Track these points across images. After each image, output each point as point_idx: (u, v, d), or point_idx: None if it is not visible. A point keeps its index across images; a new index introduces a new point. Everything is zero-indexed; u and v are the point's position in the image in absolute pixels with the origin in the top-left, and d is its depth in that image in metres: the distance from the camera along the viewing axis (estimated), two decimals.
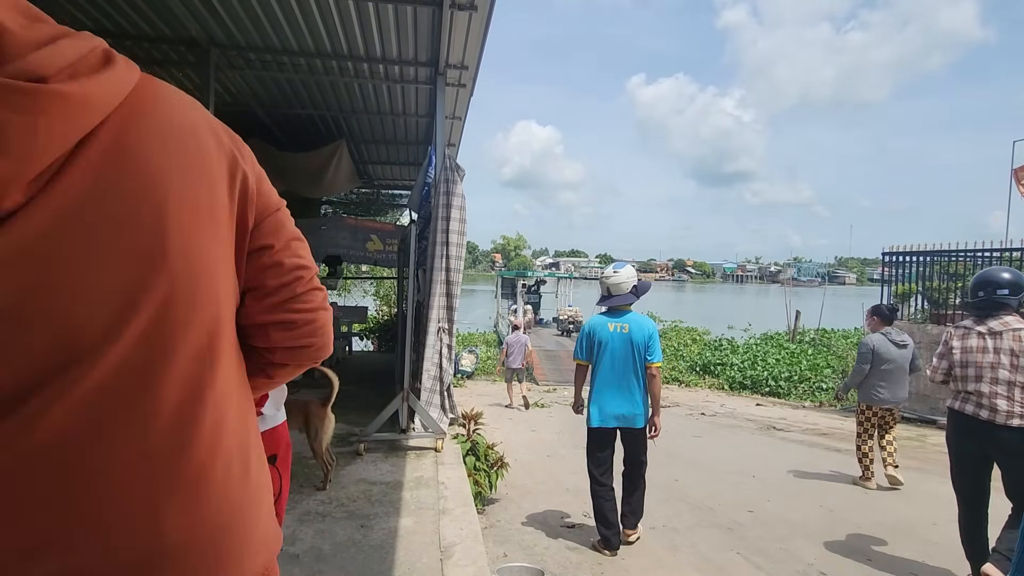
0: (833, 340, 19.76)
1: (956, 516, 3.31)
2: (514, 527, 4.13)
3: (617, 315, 3.71)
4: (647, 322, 3.70)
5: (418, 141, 7.51)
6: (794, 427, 8.89)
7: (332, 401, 3.55)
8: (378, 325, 11.04)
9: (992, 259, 8.89)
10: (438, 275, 5.13)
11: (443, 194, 5.19)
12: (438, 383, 5.07)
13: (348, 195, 10.50)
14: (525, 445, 7.18)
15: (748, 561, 3.53)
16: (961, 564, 3.58)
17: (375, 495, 3.47)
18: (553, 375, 17.02)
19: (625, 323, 3.64)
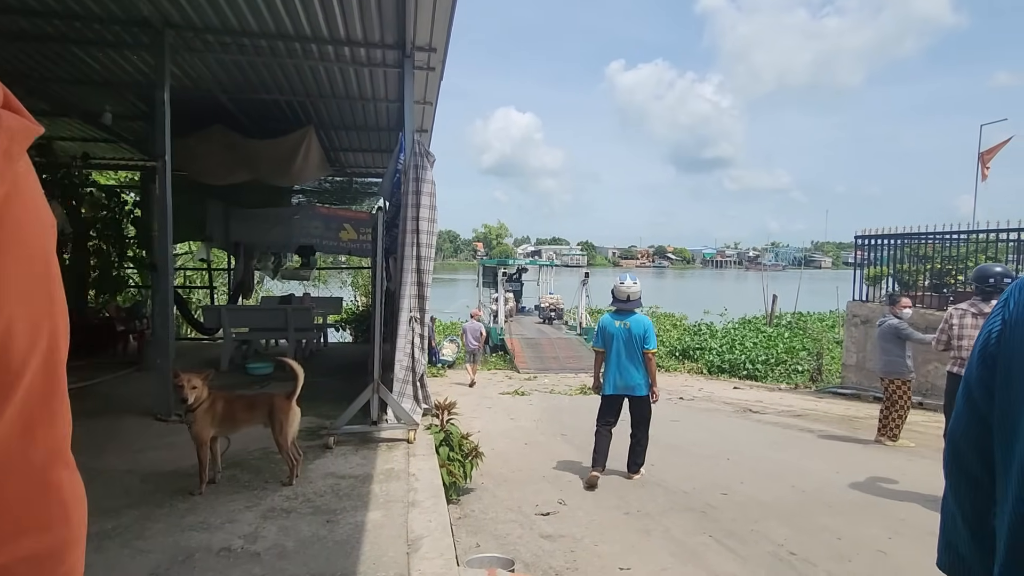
0: (809, 323, 20.11)
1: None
2: (488, 517, 4.10)
3: (622, 315, 4.91)
4: (645, 319, 4.92)
5: (389, 127, 7.34)
6: (769, 409, 9.02)
7: (297, 394, 3.45)
8: (354, 316, 10.89)
9: (959, 241, 9.07)
10: (409, 263, 5.03)
11: (413, 180, 5.07)
12: (411, 373, 4.99)
13: (321, 184, 10.27)
14: (503, 434, 7.16)
15: (720, 544, 3.54)
16: (927, 539, 3.65)
17: (343, 489, 3.40)
18: (534, 363, 17.02)
19: (627, 321, 4.87)
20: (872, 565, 3.26)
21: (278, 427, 3.32)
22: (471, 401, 10.19)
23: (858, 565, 3.25)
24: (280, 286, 11.56)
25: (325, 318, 9.24)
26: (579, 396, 11.15)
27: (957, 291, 8.48)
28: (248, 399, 3.50)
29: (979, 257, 8.77)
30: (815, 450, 6.12)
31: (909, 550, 3.46)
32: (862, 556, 3.36)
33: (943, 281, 8.93)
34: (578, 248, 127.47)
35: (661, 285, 72.90)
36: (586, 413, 8.57)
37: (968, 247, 8.96)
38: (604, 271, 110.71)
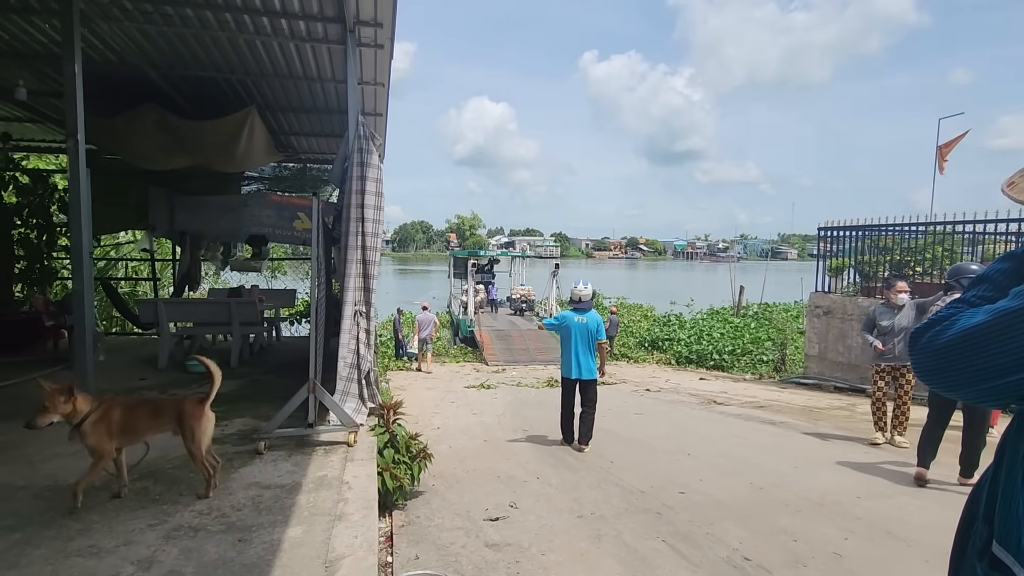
0: (774, 314, 20.37)
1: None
2: (433, 523, 3.85)
3: (581, 312, 5.98)
4: (597, 316, 5.98)
5: (341, 110, 6.94)
6: (734, 400, 8.99)
7: (212, 397, 3.13)
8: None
9: (918, 233, 9.14)
10: (353, 253, 4.71)
11: (357, 165, 4.75)
12: (355, 371, 4.68)
13: (275, 170, 9.79)
14: (463, 430, 6.93)
15: (673, 549, 3.37)
16: (883, 539, 3.55)
17: (265, 501, 3.10)
18: (504, 355, 16.84)
19: (584, 317, 5.92)
20: (828, 569, 3.12)
21: (189, 434, 3.00)
22: (434, 396, 9.93)
23: (813, 570, 3.11)
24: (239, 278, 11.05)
25: (277, 311, 8.82)
26: (546, 389, 10.99)
27: (915, 282, 8.54)
28: (153, 404, 3.16)
29: (936, 249, 8.86)
30: (775, 444, 6.05)
31: (864, 551, 3.35)
32: (817, 560, 3.23)
33: (902, 272, 8.99)
34: (551, 240, 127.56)
35: (632, 276, 73.53)
36: (552, 408, 8.40)
37: (926, 239, 9.04)
38: (577, 263, 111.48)
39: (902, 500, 4.19)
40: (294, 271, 15.19)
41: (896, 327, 5.50)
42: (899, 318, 5.51)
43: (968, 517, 0.93)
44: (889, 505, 4.08)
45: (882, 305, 5.80)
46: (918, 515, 3.87)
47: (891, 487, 4.52)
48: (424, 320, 14.40)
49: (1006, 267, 0.88)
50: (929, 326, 0.87)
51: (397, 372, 13.96)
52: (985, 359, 0.78)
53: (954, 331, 0.82)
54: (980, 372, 0.79)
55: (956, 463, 4.56)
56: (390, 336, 17.30)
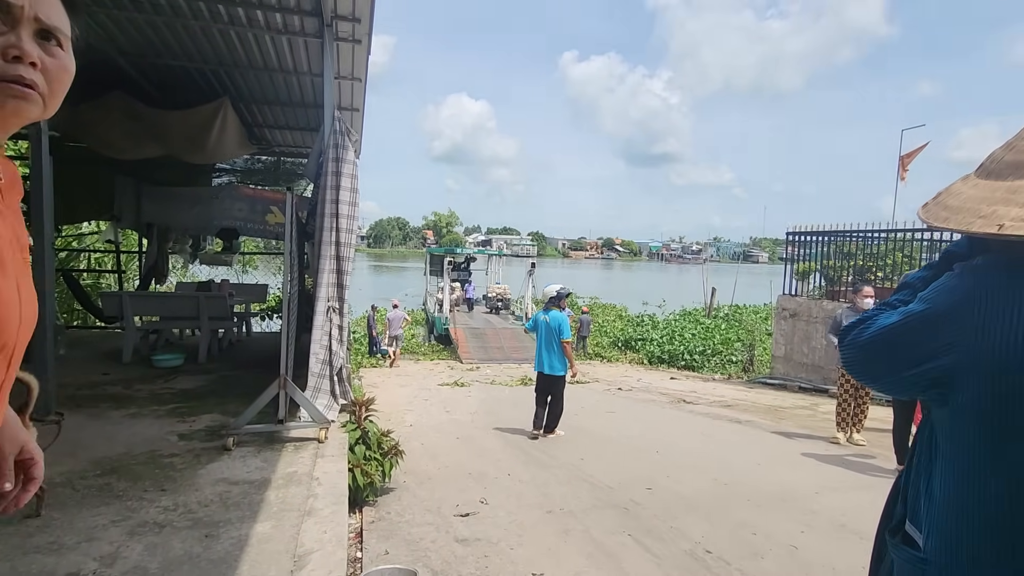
0: (744, 315, 20.86)
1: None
2: (404, 519, 3.87)
3: (547, 311, 6.36)
4: (560, 315, 6.29)
5: (316, 104, 6.86)
6: (702, 400, 9.19)
7: (30, 410, 3.06)
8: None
9: (880, 239, 9.48)
10: (327, 249, 4.68)
11: (332, 160, 4.72)
12: (327, 367, 4.66)
13: (248, 163, 9.61)
14: (436, 427, 6.94)
15: (638, 543, 3.46)
16: (837, 532, 3.71)
17: (234, 497, 3.08)
18: (478, 353, 16.86)
19: (548, 316, 6.28)
20: (784, 561, 3.25)
21: None
22: (407, 393, 9.91)
23: (770, 562, 3.23)
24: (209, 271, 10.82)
25: (248, 306, 8.67)
26: (520, 387, 11.05)
27: (877, 287, 8.85)
28: None
29: (896, 255, 9.21)
30: (740, 442, 6.23)
31: (819, 544, 3.49)
32: (775, 552, 3.36)
33: (864, 277, 9.32)
34: (528, 238, 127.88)
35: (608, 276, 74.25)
36: (524, 406, 8.46)
37: (887, 245, 9.39)
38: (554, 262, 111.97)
39: (857, 495, 4.38)
40: (266, 266, 14.95)
41: None
42: None
43: (890, 501, 1.01)
44: (844, 499, 4.26)
45: (848, 309, 6.01)
46: (871, 509, 4.03)
47: (847, 482, 4.71)
48: (395, 318, 14.99)
49: (926, 275, 0.97)
50: (855, 325, 0.96)
51: (370, 369, 13.88)
52: (896, 354, 0.86)
53: (873, 329, 0.90)
54: (892, 365, 0.87)
55: None
56: (363, 333, 17.17)
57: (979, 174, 0.83)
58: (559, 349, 6.18)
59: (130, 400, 4.97)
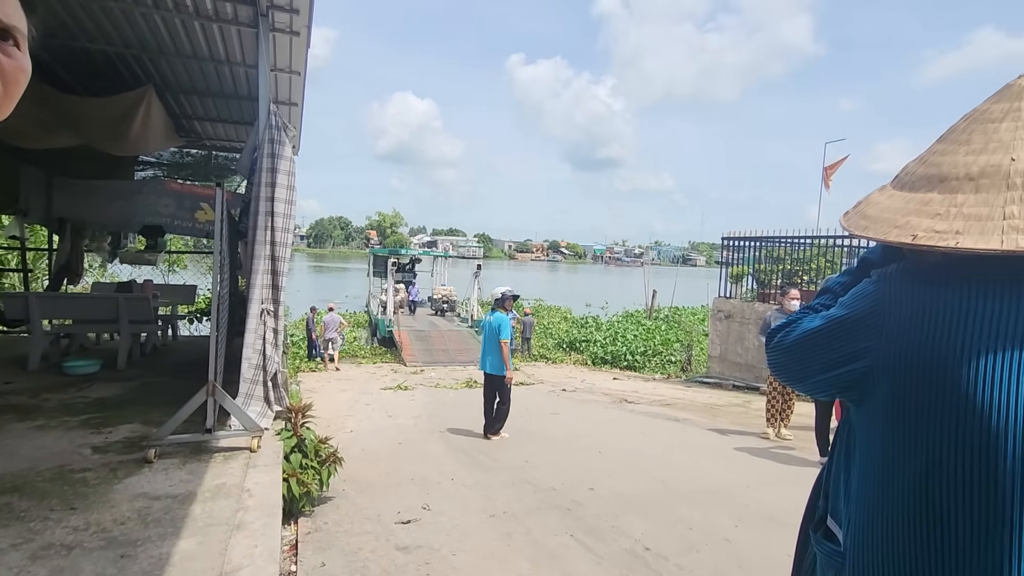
0: (683, 317, 21.66)
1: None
2: (342, 529, 3.75)
3: (491, 313, 6.63)
4: (501, 316, 6.48)
5: (251, 97, 6.54)
6: (643, 399, 9.45)
7: None
8: None
9: (807, 245, 10.08)
10: (261, 249, 4.46)
11: (267, 156, 4.50)
12: (261, 372, 4.43)
13: (176, 157, 9.03)
14: (377, 432, 6.78)
15: (580, 543, 3.50)
16: (768, 524, 3.89)
17: (154, 513, 2.87)
18: (423, 356, 16.62)
19: (492, 317, 6.54)
20: (718, 554, 3.37)
21: None
22: (348, 398, 9.63)
23: (706, 555, 3.35)
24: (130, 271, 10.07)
25: (175, 308, 8.15)
26: (465, 390, 10.99)
27: (803, 290, 9.41)
28: None
29: (820, 260, 9.82)
30: (679, 440, 6.44)
31: (751, 536, 3.65)
32: (710, 546, 3.48)
33: (792, 281, 9.88)
34: (475, 240, 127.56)
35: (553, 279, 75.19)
36: (469, 409, 8.40)
37: (812, 251, 10.00)
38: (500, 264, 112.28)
39: (784, 488, 4.61)
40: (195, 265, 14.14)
41: None
42: None
43: (813, 495, 1.05)
44: (773, 493, 4.48)
45: (777, 311, 6.33)
46: (797, 501, 4.25)
47: (776, 476, 4.96)
48: (330, 321, 14.77)
49: (845, 280, 1.02)
50: (780, 328, 1.00)
51: (310, 373, 13.39)
52: (816, 357, 0.90)
53: (796, 333, 0.94)
54: (812, 368, 0.91)
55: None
56: (302, 336, 16.56)
57: (895, 186, 0.87)
58: (498, 349, 6.33)
59: (36, 411, 4.54)
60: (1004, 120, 0.75)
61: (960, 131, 0.80)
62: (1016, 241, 0.68)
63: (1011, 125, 0.74)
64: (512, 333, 6.85)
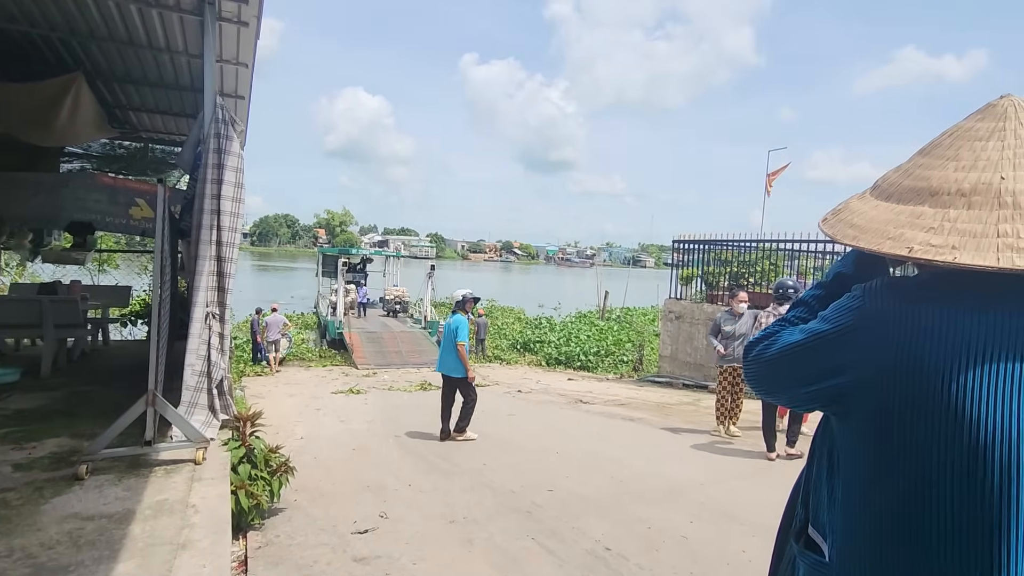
0: (634, 317, 22.16)
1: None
2: (295, 542, 3.59)
3: (451, 316, 6.62)
4: (458, 319, 6.48)
5: (193, 88, 6.19)
6: (598, 400, 9.58)
7: None
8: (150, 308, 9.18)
9: (752, 248, 10.52)
10: (206, 249, 4.22)
11: (213, 151, 4.27)
12: (205, 379, 4.20)
13: (107, 149, 8.45)
14: (330, 439, 6.56)
15: (541, 546, 3.49)
16: (720, 520, 4.00)
17: (88, 535, 2.65)
18: (375, 358, 16.27)
19: (451, 319, 6.53)
20: (676, 552, 3.45)
21: None
22: (297, 403, 9.29)
23: (664, 553, 3.41)
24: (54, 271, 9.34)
25: (106, 311, 7.62)
26: (419, 393, 10.82)
27: (749, 292, 9.79)
28: None
29: (764, 263, 10.26)
30: (633, 439, 6.56)
31: (706, 533, 3.75)
32: (668, 544, 3.55)
33: (738, 282, 10.28)
34: (427, 240, 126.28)
35: (506, 279, 75.41)
36: (424, 412, 8.28)
37: (757, 254, 10.44)
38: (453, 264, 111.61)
39: (736, 484, 4.78)
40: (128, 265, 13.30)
41: (737, 332, 6.27)
42: (739, 324, 6.29)
43: (791, 503, 1.07)
44: (726, 489, 4.62)
45: (726, 312, 6.56)
46: (748, 496, 4.44)
47: (728, 473, 5.13)
48: (273, 322, 14.41)
49: (819, 293, 1.03)
50: (759, 340, 0.99)
51: (254, 378, 12.85)
52: (797, 371, 0.91)
53: (777, 346, 0.94)
54: (793, 381, 0.92)
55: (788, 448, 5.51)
56: (246, 339, 15.88)
57: (877, 195, 0.88)
58: (455, 350, 6.33)
59: None
60: (991, 139, 0.78)
61: (946, 147, 0.82)
62: (1012, 259, 0.70)
63: (998, 144, 0.77)
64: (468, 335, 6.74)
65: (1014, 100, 0.80)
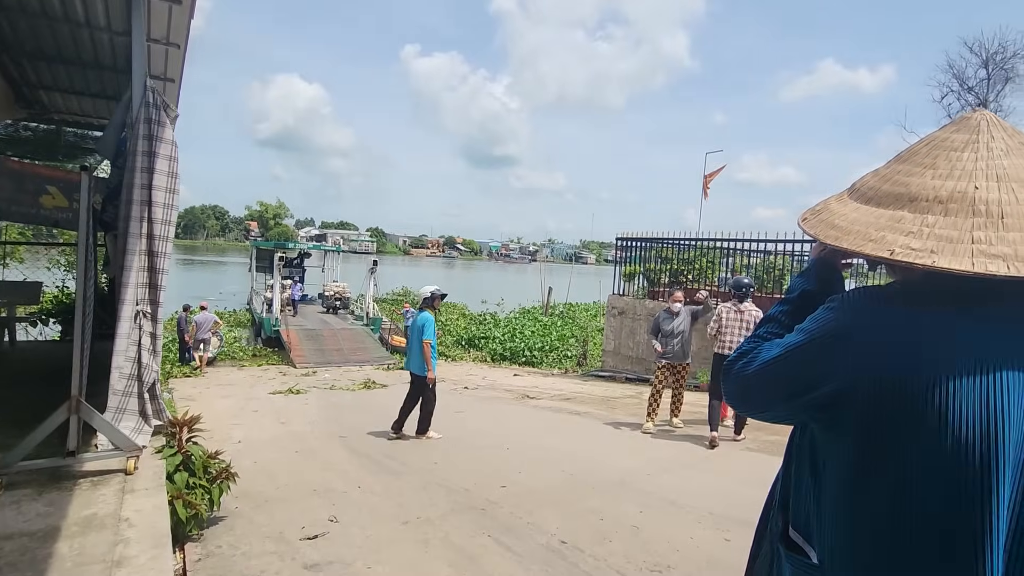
0: (577, 313, 22.60)
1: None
2: (239, 551, 3.42)
3: (419, 313, 6.48)
4: (423, 316, 6.37)
5: (116, 68, 5.72)
6: (544, 394, 9.71)
7: None
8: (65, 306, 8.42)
9: (691, 246, 10.96)
10: (136, 243, 3.92)
11: (143, 138, 3.97)
12: (135, 383, 3.90)
13: (11, 131, 7.66)
14: (270, 442, 6.29)
15: (498, 543, 3.50)
16: (668, 508, 4.16)
17: (7, 556, 2.40)
18: (314, 356, 15.73)
19: (418, 317, 6.40)
20: (628, 541, 3.55)
21: None
22: (232, 405, 8.84)
23: (617, 543, 3.51)
24: None
25: (12, 309, 6.94)
26: (363, 391, 10.58)
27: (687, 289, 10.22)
28: None
29: (702, 261, 10.73)
30: (581, 432, 6.70)
31: (655, 521, 3.88)
32: (620, 534, 3.65)
33: (678, 279, 10.70)
34: (367, 234, 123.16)
35: (449, 275, 74.88)
36: (370, 410, 8.10)
37: (695, 251, 10.90)
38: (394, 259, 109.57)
39: (682, 472, 4.98)
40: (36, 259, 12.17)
41: (675, 330, 6.43)
42: (676, 323, 6.47)
43: (767, 505, 1.10)
44: (672, 478, 4.81)
45: (664, 311, 6.75)
46: (693, 485, 4.64)
47: (673, 462, 5.33)
48: (203, 320, 13.91)
49: (787, 309, 1.06)
50: (738, 359, 1.01)
51: (183, 379, 12.11)
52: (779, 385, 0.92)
53: (757, 363, 0.95)
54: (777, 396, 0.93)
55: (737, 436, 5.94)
56: (173, 338, 14.93)
57: (855, 198, 0.91)
58: (420, 348, 6.28)
59: None
60: (965, 150, 0.83)
61: (924, 155, 0.86)
62: (985, 264, 0.74)
63: (972, 156, 0.82)
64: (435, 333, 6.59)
65: (986, 115, 0.86)
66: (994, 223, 0.77)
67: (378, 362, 15.59)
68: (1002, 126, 0.85)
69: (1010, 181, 0.79)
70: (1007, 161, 0.80)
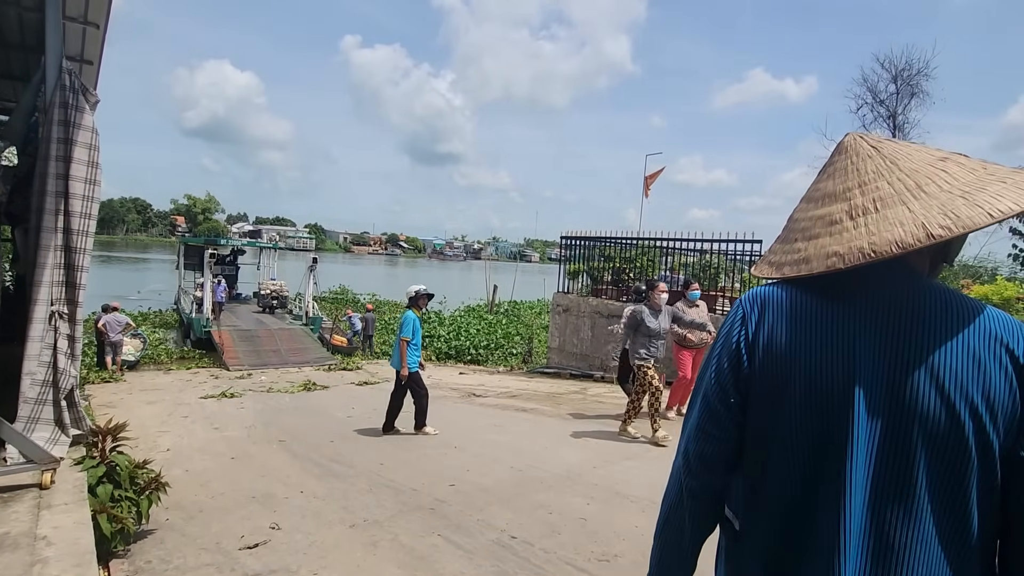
0: (522, 311, 22.78)
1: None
2: (171, 566, 3.23)
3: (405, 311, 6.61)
4: (408, 315, 6.50)
5: (24, 46, 5.23)
6: (490, 392, 9.73)
7: None
8: None
9: (632, 245, 11.29)
10: (50, 238, 3.62)
11: (60, 124, 3.66)
12: (51, 390, 3.60)
13: None
14: (203, 449, 5.96)
15: (448, 542, 3.49)
16: (613, 499, 4.28)
17: None
18: (249, 358, 15.02)
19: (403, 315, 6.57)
20: (576, 533, 3.63)
21: None
22: (159, 411, 8.31)
23: (566, 535, 3.58)
24: None
25: None
26: (303, 393, 10.21)
27: (628, 286, 10.52)
28: None
29: (643, 259, 11.09)
30: (528, 429, 6.77)
31: (601, 512, 3.99)
32: (568, 526, 3.72)
33: (620, 277, 11.00)
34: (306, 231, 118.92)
35: (393, 273, 73.56)
36: (311, 413, 7.85)
37: (636, 250, 11.24)
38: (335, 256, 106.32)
39: (626, 465, 5.13)
40: None
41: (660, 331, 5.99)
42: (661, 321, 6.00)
43: None
44: (617, 470, 4.95)
45: (647, 308, 6.02)
46: (636, 476, 4.80)
47: (616, 455, 5.48)
48: (113, 321, 13.08)
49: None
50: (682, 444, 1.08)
51: (102, 386, 11.26)
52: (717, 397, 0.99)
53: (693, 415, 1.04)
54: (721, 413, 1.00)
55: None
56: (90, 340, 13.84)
57: (786, 234, 1.06)
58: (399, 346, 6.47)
59: None
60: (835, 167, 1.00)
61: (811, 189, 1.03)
62: (764, 271, 1.00)
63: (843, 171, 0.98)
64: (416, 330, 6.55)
65: (855, 137, 1.01)
66: (784, 236, 1.02)
67: (318, 363, 15.09)
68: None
69: (808, 202, 1.01)
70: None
